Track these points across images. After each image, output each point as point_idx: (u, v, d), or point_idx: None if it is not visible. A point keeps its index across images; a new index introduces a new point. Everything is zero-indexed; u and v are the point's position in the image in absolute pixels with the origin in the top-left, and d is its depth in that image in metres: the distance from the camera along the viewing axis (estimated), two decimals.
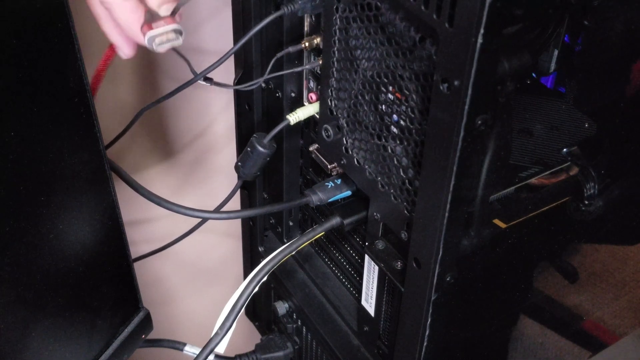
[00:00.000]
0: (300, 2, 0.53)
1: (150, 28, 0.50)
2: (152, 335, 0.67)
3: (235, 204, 0.76)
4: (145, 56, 0.79)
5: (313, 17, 0.56)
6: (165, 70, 0.81)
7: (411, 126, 0.47)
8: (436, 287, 0.48)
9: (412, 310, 0.51)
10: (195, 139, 0.91)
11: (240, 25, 0.62)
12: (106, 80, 0.53)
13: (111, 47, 0.54)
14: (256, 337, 0.81)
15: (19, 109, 0.45)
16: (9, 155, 0.45)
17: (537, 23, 0.49)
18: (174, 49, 0.52)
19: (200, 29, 0.79)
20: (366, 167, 0.53)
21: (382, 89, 0.49)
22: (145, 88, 0.82)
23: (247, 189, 0.74)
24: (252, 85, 0.60)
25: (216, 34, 0.79)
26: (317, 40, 0.55)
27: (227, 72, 0.67)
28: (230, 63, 0.67)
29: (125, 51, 0.54)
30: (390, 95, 0.48)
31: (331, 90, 0.54)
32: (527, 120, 0.54)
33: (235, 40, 0.56)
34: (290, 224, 0.73)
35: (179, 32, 0.50)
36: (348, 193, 0.59)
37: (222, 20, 0.77)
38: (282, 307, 0.74)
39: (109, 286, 0.59)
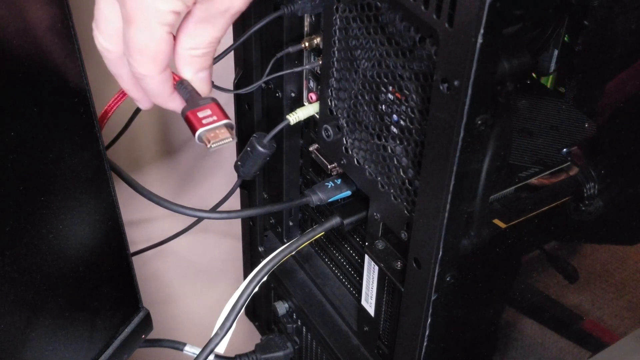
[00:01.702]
0: (300, 2, 0.53)
1: (196, 117, 0.47)
2: (152, 335, 0.67)
3: (235, 203, 0.76)
4: None
5: (313, 17, 0.56)
6: None
7: (411, 126, 0.47)
8: (436, 287, 0.48)
9: (412, 310, 0.51)
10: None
11: (239, 25, 0.62)
12: (106, 80, 0.53)
13: (122, 92, 0.53)
14: (256, 337, 0.81)
15: (19, 109, 0.45)
16: (9, 155, 0.45)
17: (537, 23, 0.49)
18: None
19: None
20: (366, 167, 0.53)
21: (382, 89, 0.49)
22: None
23: (247, 188, 0.74)
24: (251, 88, 0.60)
25: None
26: (317, 40, 0.55)
27: (226, 72, 0.67)
28: (230, 63, 0.67)
29: (144, 105, 0.52)
30: (390, 95, 0.48)
31: (331, 90, 0.54)
32: (527, 120, 0.54)
33: (235, 39, 0.56)
34: (290, 224, 0.73)
35: (230, 127, 0.48)
36: (348, 193, 0.59)
37: None
38: (282, 307, 0.74)
39: (109, 286, 0.59)
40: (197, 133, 0.47)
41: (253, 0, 0.46)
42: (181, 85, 0.48)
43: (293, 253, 0.59)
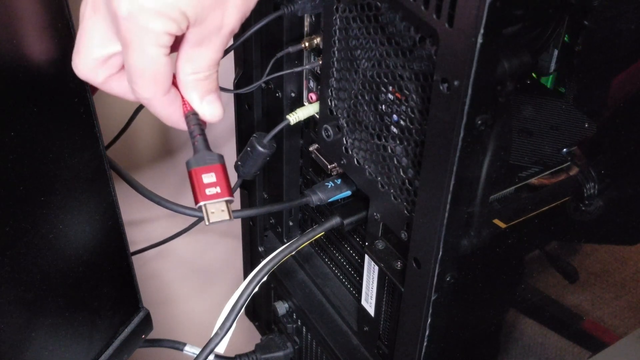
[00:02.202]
0: (300, 2, 0.53)
1: (200, 181, 0.47)
2: (152, 335, 0.67)
3: (235, 203, 0.76)
4: None
5: (313, 17, 0.56)
6: None
7: (411, 126, 0.47)
8: (436, 287, 0.48)
9: (412, 310, 0.51)
10: None
11: None
12: None
13: None
14: (256, 337, 0.81)
15: (19, 109, 0.45)
16: (9, 155, 0.45)
17: (537, 23, 0.49)
18: None
19: None
20: (366, 167, 0.53)
21: (382, 89, 0.49)
22: None
23: (247, 188, 0.74)
24: (251, 88, 0.60)
25: None
26: (317, 40, 0.55)
27: (226, 72, 0.67)
28: (230, 63, 0.67)
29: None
30: (390, 95, 0.48)
31: (331, 90, 0.54)
32: (527, 120, 0.54)
33: (235, 39, 0.56)
34: (290, 224, 0.73)
35: (230, 202, 0.48)
36: (348, 193, 0.59)
37: None
38: (282, 307, 0.74)
39: (109, 286, 0.59)
40: (200, 205, 0.47)
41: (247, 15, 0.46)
42: (190, 119, 0.48)
43: (293, 253, 0.59)
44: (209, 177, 0.47)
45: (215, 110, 0.49)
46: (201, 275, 1.05)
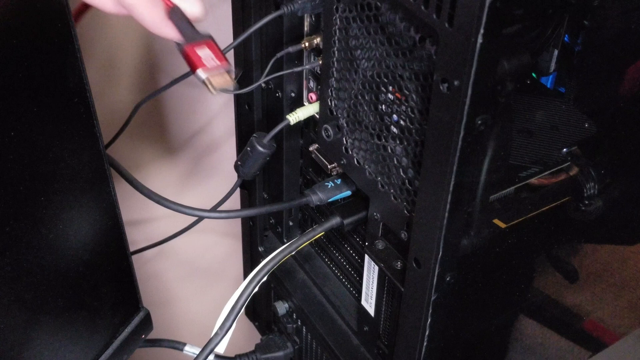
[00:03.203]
0: (300, 2, 0.53)
1: (195, 54, 0.46)
2: (152, 335, 0.67)
3: (235, 203, 0.76)
4: (144, 55, 0.79)
5: (313, 17, 0.56)
6: (165, 69, 0.81)
7: (411, 126, 0.47)
8: (436, 287, 0.48)
9: (412, 310, 0.51)
10: (195, 138, 0.91)
11: (239, 23, 0.62)
12: (105, 79, 0.53)
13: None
14: (256, 337, 0.81)
15: (19, 109, 0.45)
16: (9, 155, 0.45)
17: (537, 23, 0.49)
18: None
19: (198, 25, 0.79)
20: (366, 167, 0.53)
21: (382, 89, 0.49)
22: (145, 87, 0.82)
23: (247, 188, 0.74)
24: (251, 88, 0.60)
25: (215, 31, 0.79)
26: (317, 40, 0.55)
27: None
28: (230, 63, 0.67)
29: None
30: (390, 95, 0.49)
31: (331, 90, 0.54)
32: (527, 120, 0.54)
33: (235, 39, 0.56)
34: (290, 224, 0.73)
35: (230, 72, 0.48)
36: (348, 193, 0.59)
37: (220, 17, 0.77)
38: (282, 307, 0.74)
39: (109, 286, 0.59)
40: (201, 75, 0.47)
41: None
42: (174, 13, 0.47)
43: (293, 253, 0.59)
44: (203, 51, 0.47)
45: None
46: (201, 275, 1.05)
